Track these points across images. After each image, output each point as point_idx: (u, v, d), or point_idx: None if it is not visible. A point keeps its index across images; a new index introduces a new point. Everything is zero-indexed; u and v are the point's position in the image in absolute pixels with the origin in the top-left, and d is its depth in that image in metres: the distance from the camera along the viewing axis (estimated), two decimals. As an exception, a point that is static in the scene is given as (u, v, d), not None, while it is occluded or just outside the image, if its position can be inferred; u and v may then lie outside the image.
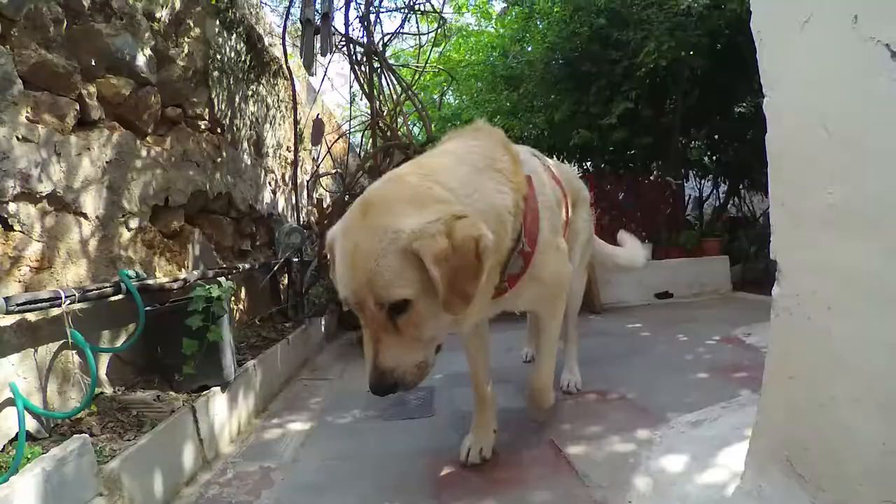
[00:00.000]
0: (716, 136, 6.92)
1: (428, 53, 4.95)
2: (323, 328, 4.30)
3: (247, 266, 3.51)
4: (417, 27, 4.43)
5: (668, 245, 5.96)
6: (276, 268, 3.82)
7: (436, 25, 4.25)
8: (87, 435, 1.42)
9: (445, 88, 6.65)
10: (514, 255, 1.62)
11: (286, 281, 4.32)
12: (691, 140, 7.21)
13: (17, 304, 1.54)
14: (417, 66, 4.80)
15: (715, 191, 7.71)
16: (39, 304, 1.64)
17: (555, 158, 8.53)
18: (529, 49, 6.98)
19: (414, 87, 4.77)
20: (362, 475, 1.88)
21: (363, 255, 1.31)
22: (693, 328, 3.93)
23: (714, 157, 7.25)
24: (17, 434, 1.58)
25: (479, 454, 1.87)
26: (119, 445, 1.65)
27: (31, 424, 1.66)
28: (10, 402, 1.60)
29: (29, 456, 1.47)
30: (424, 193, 1.41)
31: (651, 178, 6.46)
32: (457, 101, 8.93)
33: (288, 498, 1.76)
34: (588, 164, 7.44)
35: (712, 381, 2.60)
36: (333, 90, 7.35)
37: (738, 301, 5.13)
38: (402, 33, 4.37)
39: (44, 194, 1.84)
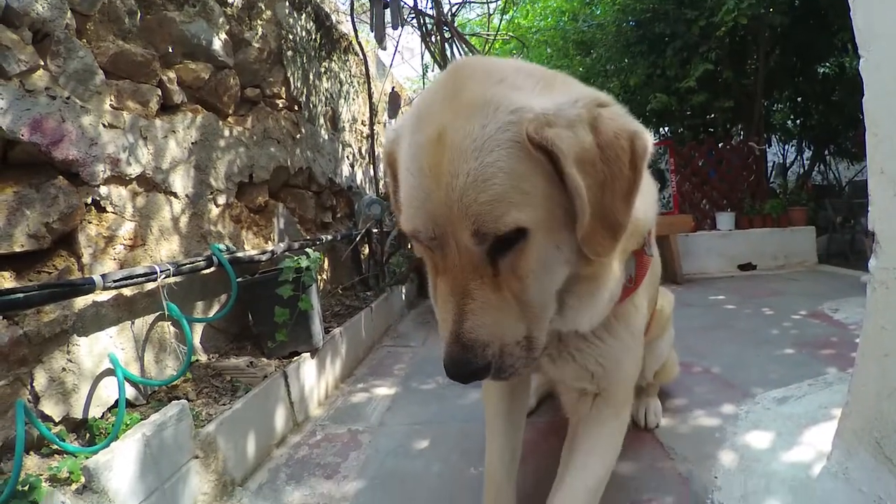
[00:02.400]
0: (799, 99, 6.47)
1: (498, 22, 4.84)
2: (403, 296, 4.39)
3: (329, 237, 3.61)
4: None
5: (751, 214, 5.65)
6: (357, 238, 3.90)
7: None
8: (185, 401, 1.50)
9: (516, 56, 6.50)
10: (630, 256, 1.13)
11: (367, 251, 4.41)
12: (774, 103, 6.76)
13: (114, 281, 1.64)
14: (488, 35, 4.69)
15: (799, 157, 7.24)
16: (135, 280, 1.73)
17: None
18: (599, 12, 6.71)
19: (486, 49, 4.68)
20: (447, 441, 1.91)
21: (455, 147, 0.82)
22: (778, 302, 3.79)
23: (798, 121, 6.79)
24: (116, 401, 1.70)
25: None
26: (214, 410, 1.75)
27: (129, 392, 1.78)
28: (108, 371, 1.71)
29: (128, 422, 1.57)
30: (550, 74, 0.97)
31: (732, 143, 6.11)
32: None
33: (375, 460, 1.81)
34: (666, 129, 7.15)
35: (798, 357, 2.51)
36: (403, 63, 7.37)
37: (825, 274, 4.88)
38: (471, 1, 4.27)
39: (133, 176, 1.93)
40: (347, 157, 4.51)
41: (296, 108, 3.44)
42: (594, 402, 1.20)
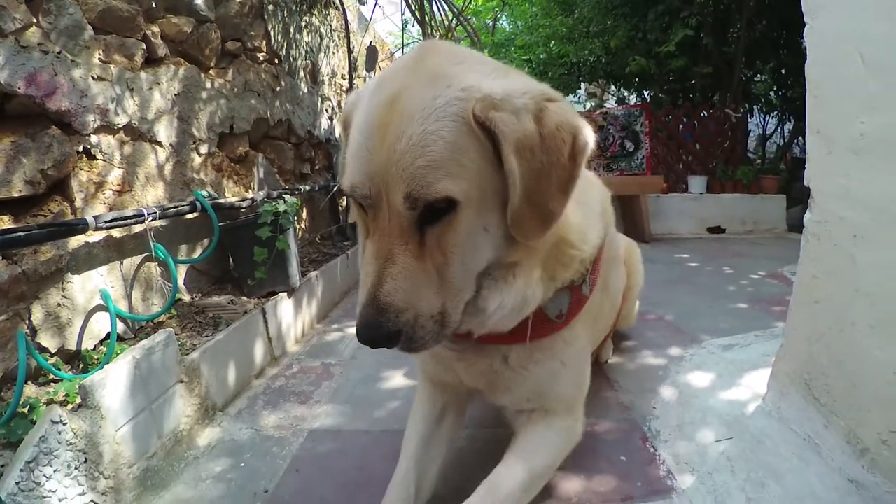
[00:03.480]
0: (783, 71, 6.56)
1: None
2: (378, 246, 4.51)
3: (307, 188, 3.73)
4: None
5: (724, 178, 5.85)
6: (335, 189, 4.02)
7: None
8: (171, 329, 1.65)
9: (498, 13, 6.50)
10: (564, 291, 1.14)
11: (344, 202, 4.53)
12: (757, 73, 6.86)
13: (105, 222, 1.77)
14: (469, -9, 4.74)
15: (780, 128, 7.38)
16: (125, 221, 1.87)
17: (612, 87, 8.23)
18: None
19: (465, 13, 4.72)
20: (411, 371, 2.09)
21: (405, 112, 0.86)
22: (740, 263, 3.99)
23: (780, 93, 6.91)
24: (107, 335, 1.86)
25: None
26: (198, 341, 1.91)
27: (119, 327, 1.93)
28: (99, 307, 1.86)
29: (118, 352, 1.73)
30: (508, 68, 1.03)
31: (710, 110, 6.24)
32: (511, 26, 8.71)
33: (346, 388, 2.01)
34: (646, 93, 7.24)
35: (750, 311, 2.68)
36: (385, 18, 7.31)
37: (791, 241, 5.09)
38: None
39: (120, 126, 2.04)
40: (326, 110, 4.59)
41: (276, 61, 3.50)
42: (530, 415, 1.24)
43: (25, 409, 1.41)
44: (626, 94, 7.53)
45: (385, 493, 1.18)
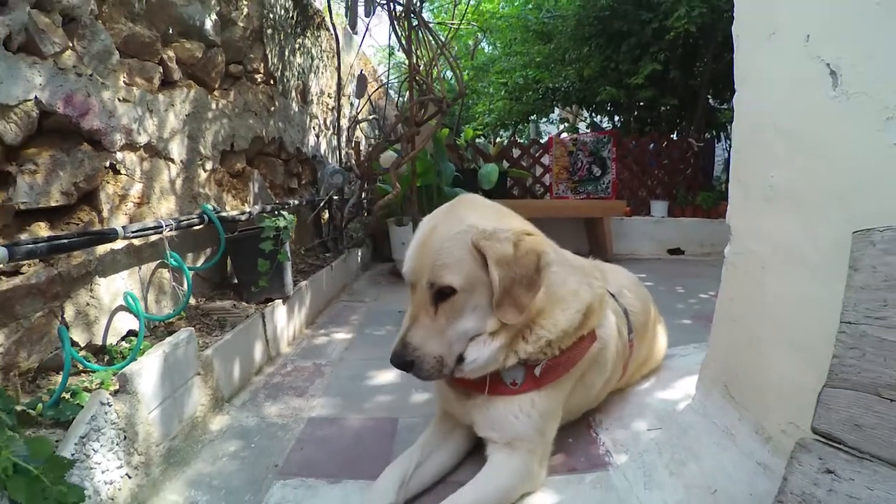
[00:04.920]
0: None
1: (465, 6, 5.18)
2: (359, 259, 4.83)
3: (295, 202, 3.99)
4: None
5: (684, 204, 6.22)
6: (322, 204, 4.27)
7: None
8: (192, 328, 1.89)
9: (478, 40, 6.83)
10: (520, 366, 1.49)
11: (327, 216, 4.77)
12: (723, 102, 7.32)
13: (132, 232, 2.01)
14: (452, 23, 5.05)
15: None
16: (146, 232, 2.10)
17: (584, 112, 8.54)
18: (561, 3, 7.07)
19: (449, 37, 5.05)
20: (395, 371, 2.31)
21: (436, 236, 1.40)
22: (694, 282, 4.28)
23: (744, 122, 7.32)
24: (128, 331, 2.10)
25: None
26: (207, 340, 2.14)
27: (136, 325, 2.15)
28: (121, 307, 2.09)
29: (142, 347, 1.95)
30: (509, 215, 1.54)
31: (673, 137, 6.64)
32: (490, 49, 9.08)
33: (336, 384, 2.28)
34: (616, 119, 7.63)
35: (693, 326, 2.98)
36: (370, 36, 7.59)
37: (745, 265, 5.46)
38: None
39: (141, 144, 2.27)
40: (314, 127, 4.84)
41: (271, 82, 3.76)
42: (497, 446, 1.49)
43: (68, 395, 1.63)
44: (598, 118, 7.92)
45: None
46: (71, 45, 1.92)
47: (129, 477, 1.48)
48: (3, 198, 1.68)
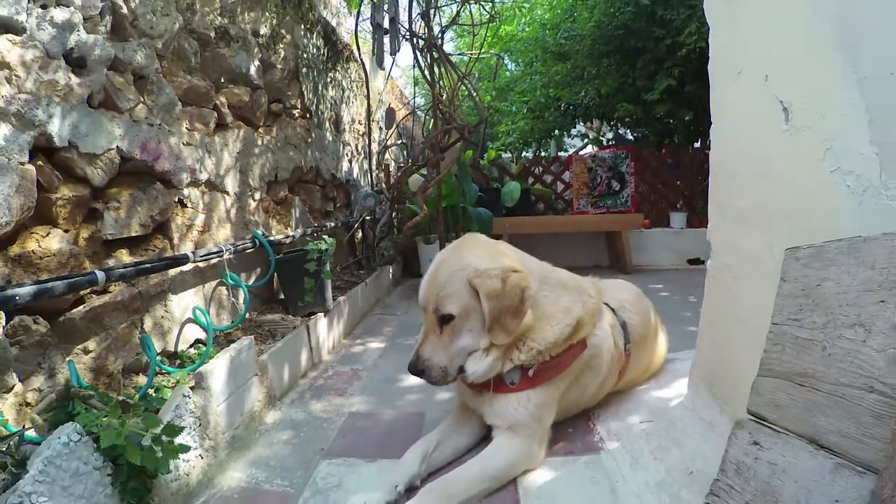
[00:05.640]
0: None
1: (483, 36, 5.51)
2: (391, 275, 5.17)
3: (332, 224, 4.36)
4: (471, 18, 5.03)
5: (702, 215, 6.36)
6: (356, 226, 4.64)
7: (488, 17, 4.81)
8: (252, 336, 2.23)
9: (498, 63, 7.13)
10: (517, 369, 1.78)
11: (360, 236, 5.14)
12: (740, 117, 7.40)
13: (200, 256, 2.37)
14: (472, 53, 5.39)
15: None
16: (210, 256, 2.46)
17: (605, 126, 8.66)
18: (577, 25, 7.31)
19: (469, 68, 5.39)
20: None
21: (442, 272, 1.74)
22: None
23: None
24: (195, 340, 2.46)
25: None
26: (262, 348, 2.49)
27: (202, 335, 2.51)
28: (189, 320, 2.46)
29: (211, 352, 2.30)
30: (502, 253, 1.83)
31: (690, 150, 6.80)
32: (513, 66, 9.38)
33: (371, 386, 2.61)
34: (635, 133, 7.81)
35: (696, 334, 3.19)
36: (396, 66, 7.99)
37: (758, 274, 5.59)
38: (459, 25, 4.98)
39: (202, 181, 2.65)
40: (346, 154, 5.23)
41: (307, 115, 4.14)
42: (501, 430, 1.79)
43: (151, 391, 1.99)
44: (621, 131, 8.09)
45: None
46: (142, 99, 2.27)
47: (202, 458, 1.82)
48: (93, 230, 2.04)
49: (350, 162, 5.30)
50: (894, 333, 0.98)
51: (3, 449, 1.35)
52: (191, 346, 2.45)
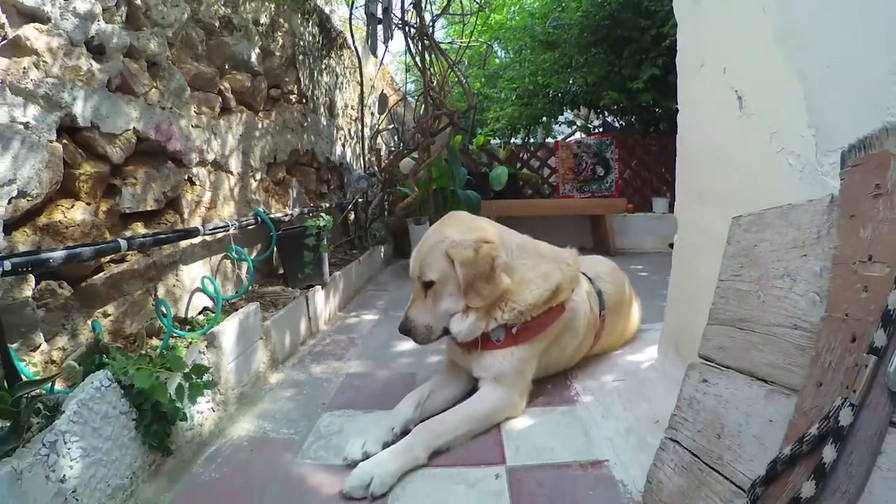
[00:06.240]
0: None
1: (473, 24, 5.68)
2: (382, 255, 5.39)
3: (326, 205, 4.52)
4: (462, 7, 5.19)
5: (684, 200, 6.60)
6: (349, 207, 4.82)
7: (478, 6, 4.97)
8: (258, 303, 2.42)
9: (487, 51, 7.28)
10: (502, 328, 1.99)
11: (352, 217, 5.31)
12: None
13: (209, 230, 2.54)
14: (462, 42, 5.56)
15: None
16: (218, 230, 2.64)
17: (592, 114, 8.83)
18: (565, 14, 7.45)
19: (459, 56, 5.56)
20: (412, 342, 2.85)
21: (426, 245, 1.98)
22: (684, 273, 4.70)
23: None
24: (203, 308, 2.63)
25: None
26: (265, 315, 2.67)
27: (208, 302, 2.69)
28: (198, 289, 2.63)
29: (220, 318, 2.48)
30: (479, 227, 2.02)
31: (675, 137, 6.98)
32: (503, 54, 9.52)
33: (367, 351, 2.81)
34: (621, 120, 8.00)
35: None
36: (388, 52, 8.10)
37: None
38: (450, 14, 5.14)
39: (210, 161, 2.81)
40: (340, 138, 5.39)
41: (304, 101, 4.30)
42: (486, 380, 1.99)
43: (168, 351, 2.17)
44: (608, 118, 8.27)
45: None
46: (155, 84, 2.42)
47: (213, 410, 2.01)
48: (112, 204, 2.20)
49: (343, 146, 5.46)
50: (815, 280, 1.17)
51: (36, 395, 1.53)
52: (199, 313, 2.63)
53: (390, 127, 6.39)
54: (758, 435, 1.15)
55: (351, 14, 4.85)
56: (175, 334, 2.36)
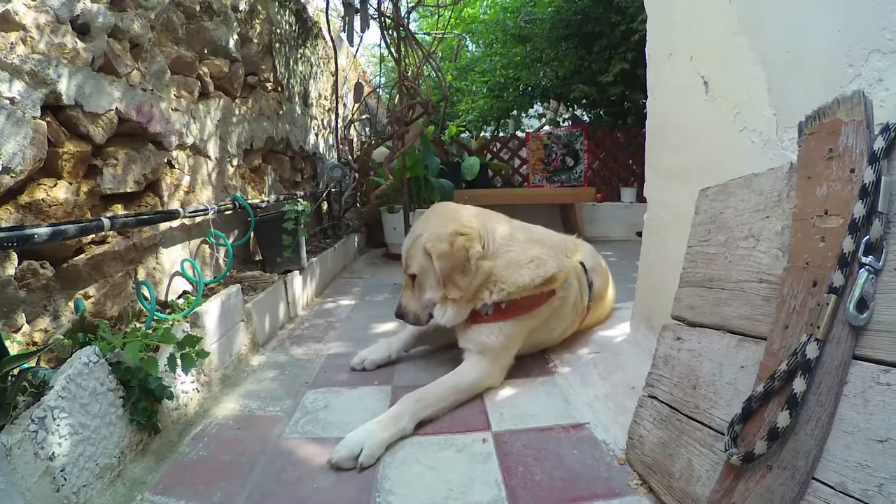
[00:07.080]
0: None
1: (447, 17, 5.74)
2: (356, 244, 5.42)
3: (301, 193, 4.53)
4: (436, 0, 5.25)
5: (651, 190, 6.79)
6: (323, 195, 4.84)
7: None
8: (240, 285, 2.44)
9: (459, 44, 7.35)
10: (492, 305, 2.10)
11: (326, 206, 5.33)
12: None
13: (189, 213, 2.55)
14: (437, 33, 5.61)
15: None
16: (198, 213, 2.65)
17: (562, 107, 8.98)
18: (537, 9, 7.57)
19: (433, 48, 5.61)
20: (394, 324, 2.94)
21: (410, 238, 2.14)
22: (651, 258, 4.88)
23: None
24: (183, 291, 2.64)
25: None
26: (246, 298, 2.69)
27: (188, 286, 2.70)
28: (177, 273, 2.64)
29: (200, 301, 2.50)
30: (457, 220, 2.10)
31: (643, 130, 7.16)
32: (474, 47, 9.61)
33: (346, 334, 2.86)
34: (590, 113, 8.17)
35: None
36: (361, 40, 8.09)
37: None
38: (424, 6, 5.19)
39: (188, 144, 2.81)
40: (314, 127, 5.39)
41: (279, 89, 4.30)
42: (471, 353, 2.10)
43: (150, 330, 2.18)
44: (577, 112, 8.44)
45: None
46: (137, 66, 2.41)
47: (198, 391, 2.03)
48: (93, 184, 2.20)
49: (317, 136, 5.46)
50: (776, 238, 1.27)
51: (23, 371, 1.54)
52: (179, 297, 2.63)
53: (364, 117, 6.40)
54: (731, 381, 1.24)
55: (327, 4, 4.85)
56: (157, 317, 2.37)
